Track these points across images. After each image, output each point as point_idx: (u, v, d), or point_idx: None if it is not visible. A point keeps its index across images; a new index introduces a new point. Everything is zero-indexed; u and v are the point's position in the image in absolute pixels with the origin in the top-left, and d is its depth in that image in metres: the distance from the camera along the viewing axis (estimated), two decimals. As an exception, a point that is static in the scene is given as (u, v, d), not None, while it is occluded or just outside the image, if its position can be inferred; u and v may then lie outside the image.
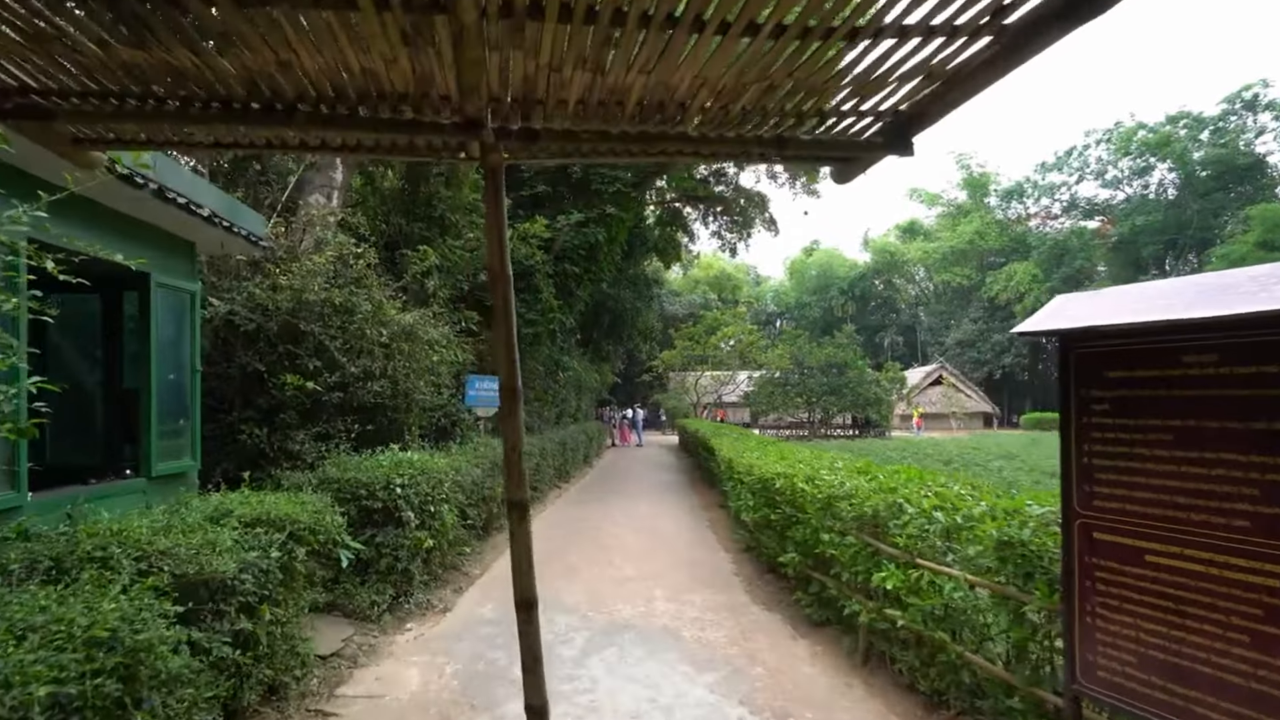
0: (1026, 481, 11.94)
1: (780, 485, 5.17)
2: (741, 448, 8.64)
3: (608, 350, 28.19)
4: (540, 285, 10.36)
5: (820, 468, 5.32)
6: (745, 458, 7.04)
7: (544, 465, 11.20)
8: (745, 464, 6.59)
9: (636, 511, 10.33)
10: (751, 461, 6.46)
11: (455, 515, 5.86)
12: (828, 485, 4.47)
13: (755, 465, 6.16)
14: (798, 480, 4.83)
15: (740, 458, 7.40)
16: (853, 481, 4.30)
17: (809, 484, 4.71)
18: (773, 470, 5.51)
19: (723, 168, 30.30)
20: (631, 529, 8.80)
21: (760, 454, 7.20)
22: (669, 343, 39.53)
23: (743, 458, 7.25)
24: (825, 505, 4.42)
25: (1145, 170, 48.94)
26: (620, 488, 13.58)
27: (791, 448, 7.96)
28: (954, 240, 56.21)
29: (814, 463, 5.65)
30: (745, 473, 6.52)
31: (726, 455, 8.51)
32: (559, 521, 9.52)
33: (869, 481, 4.31)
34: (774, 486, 5.33)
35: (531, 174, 10.95)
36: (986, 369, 52.39)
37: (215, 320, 4.94)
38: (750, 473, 6.20)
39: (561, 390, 16.05)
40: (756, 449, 8.35)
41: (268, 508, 3.41)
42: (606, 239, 11.40)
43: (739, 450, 8.37)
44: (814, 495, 4.55)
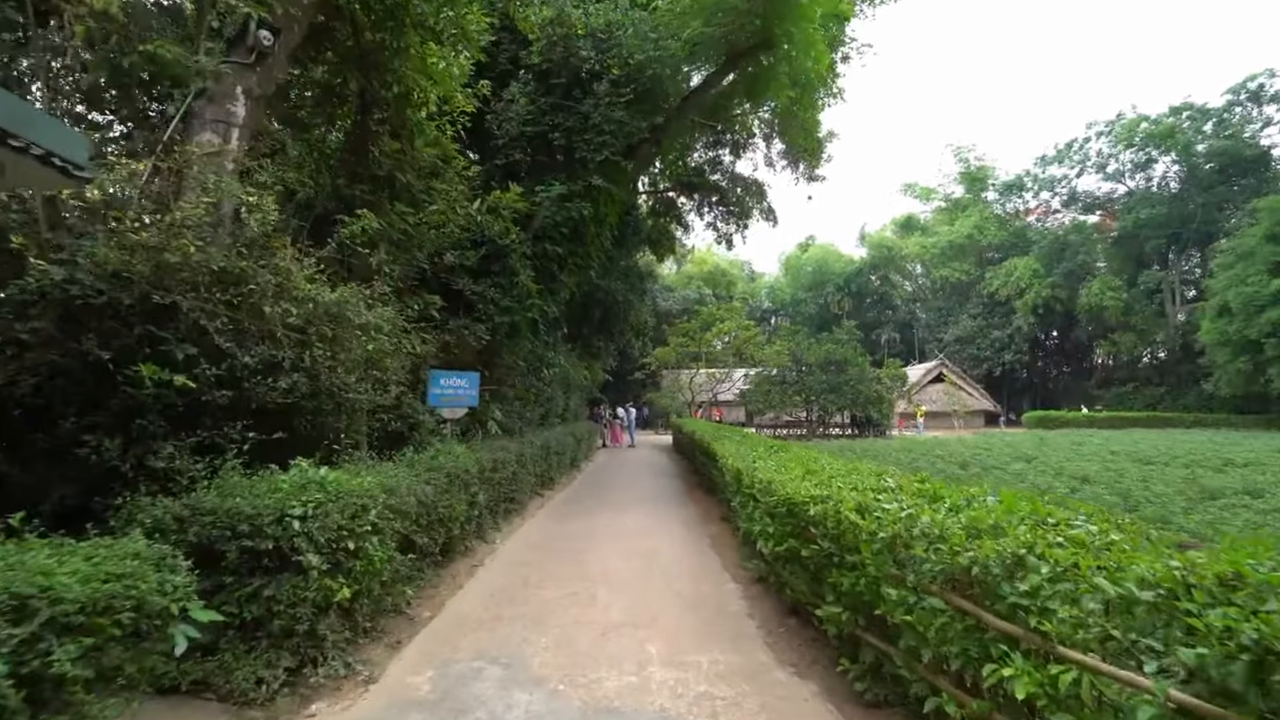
0: (1063, 489, 10.73)
1: (816, 513, 3.87)
2: (751, 454, 7.34)
3: (598, 347, 26.86)
4: (516, 267, 9.03)
5: (867, 486, 4.03)
6: (761, 469, 5.73)
7: (522, 474, 9.88)
8: (763, 479, 5.28)
9: (627, 526, 9.03)
10: (771, 476, 5.14)
11: (391, 548, 4.54)
12: (891, 519, 3.17)
13: (777, 482, 4.85)
14: (845, 509, 3.52)
15: (752, 468, 6.09)
16: (931, 516, 3.01)
17: (862, 516, 3.41)
18: (803, 491, 4.21)
19: (719, 155, 29.21)
20: (620, 550, 7.49)
21: (778, 464, 5.90)
22: (662, 339, 38.26)
23: (756, 469, 5.94)
24: (888, 548, 3.13)
25: (1147, 163, 48.01)
26: (610, 496, 12.27)
27: (812, 454, 6.67)
28: (952, 235, 55.18)
29: (855, 479, 4.36)
30: (763, 490, 5.21)
31: (733, 464, 7.21)
32: (537, 539, 8.20)
33: (951, 513, 3.03)
34: (806, 514, 4.02)
35: (505, 139, 9.59)
36: (986, 366, 51.41)
37: (48, 290, 3.60)
38: (770, 492, 4.89)
39: (546, 388, 14.72)
40: (769, 456, 7.05)
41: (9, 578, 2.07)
42: (593, 216, 10.05)
43: (748, 457, 7.07)
44: (870, 532, 3.26)
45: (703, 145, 28.36)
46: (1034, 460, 17.41)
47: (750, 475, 6.03)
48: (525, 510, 10.33)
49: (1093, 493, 9.90)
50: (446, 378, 8.55)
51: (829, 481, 4.37)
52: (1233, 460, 16.26)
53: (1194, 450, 19.72)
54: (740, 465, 6.78)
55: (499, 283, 9.14)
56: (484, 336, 8.85)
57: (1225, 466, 15.00)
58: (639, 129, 9.91)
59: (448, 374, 8.58)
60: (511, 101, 9.40)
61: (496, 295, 9.04)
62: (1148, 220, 45.26)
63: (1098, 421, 39.77)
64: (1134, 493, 9.91)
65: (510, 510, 9.66)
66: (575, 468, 17.34)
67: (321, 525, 3.62)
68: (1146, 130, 45.94)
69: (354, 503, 3.95)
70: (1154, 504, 9.06)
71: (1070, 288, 47.56)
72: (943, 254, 55.62)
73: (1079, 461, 16.65)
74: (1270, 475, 12.99)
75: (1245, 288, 34.76)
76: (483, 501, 7.60)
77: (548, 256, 9.83)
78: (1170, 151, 45.52)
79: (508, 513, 9.51)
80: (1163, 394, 44.56)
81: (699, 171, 28.80)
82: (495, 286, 9.10)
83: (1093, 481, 11.85)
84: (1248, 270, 35.33)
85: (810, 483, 4.47)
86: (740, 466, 6.74)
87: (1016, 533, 2.59)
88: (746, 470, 6.31)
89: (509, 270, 9.12)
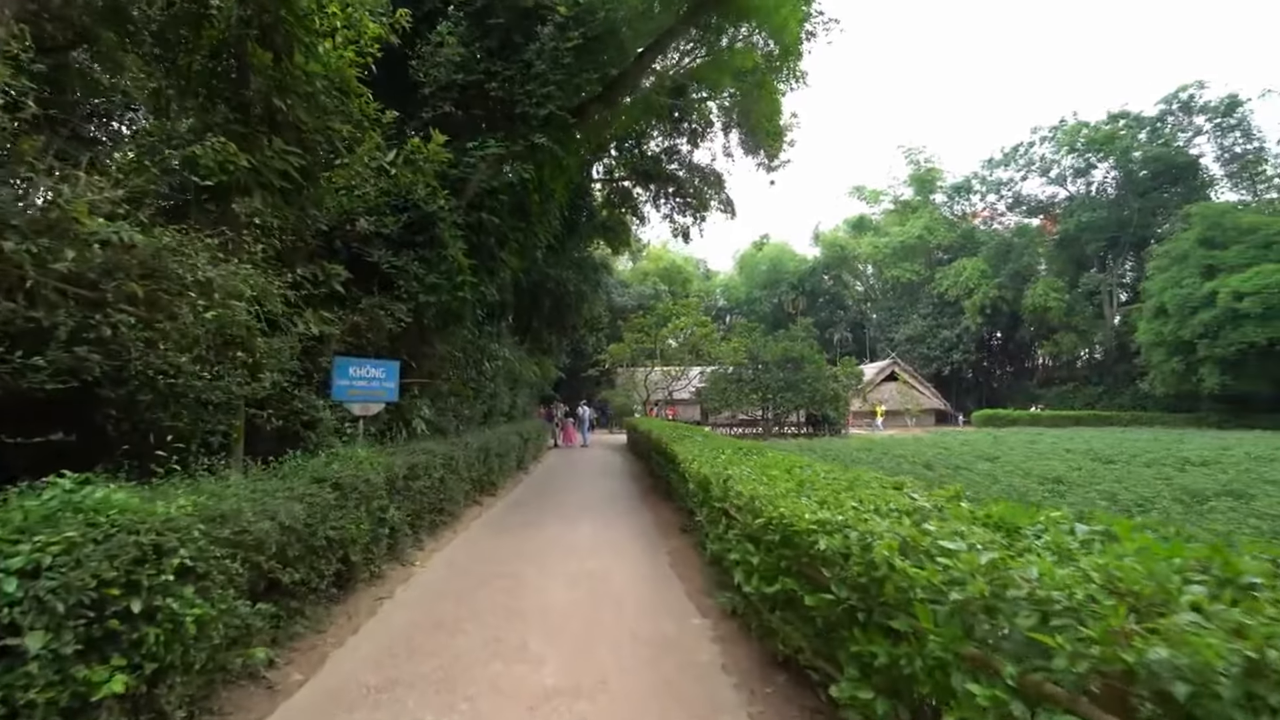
0: (1042, 491, 10.04)
1: (828, 549, 2.71)
2: (719, 458, 6.21)
3: (549, 342, 25.45)
4: (445, 238, 7.66)
5: (897, 506, 2.92)
6: (737, 479, 4.58)
7: (454, 480, 8.51)
8: (741, 493, 4.12)
9: (575, 541, 7.78)
10: (752, 490, 3.98)
11: (229, 597, 3.18)
12: (965, 568, 2.05)
13: (763, 498, 3.70)
14: (881, 549, 2.37)
15: (724, 477, 4.95)
16: (1039, 567, 1.89)
17: (912, 559, 2.27)
18: (804, 515, 3.05)
19: (676, 144, 28.20)
20: (565, 572, 6.24)
21: (757, 472, 4.77)
22: (617, 336, 37.04)
23: (730, 477, 4.79)
24: (958, 614, 2.01)
25: (1088, 169, 49.65)
26: (558, 503, 10.98)
27: (795, 458, 5.59)
28: (903, 235, 55.95)
29: (872, 494, 3.25)
30: (743, 508, 4.06)
31: (698, 470, 6.06)
32: (466, 560, 6.85)
33: (1063, 561, 1.93)
34: (811, 549, 2.87)
35: (433, 88, 8.15)
36: (935, 365, 52.24)
37: None
38: (755, 511, 3.73)
39: (489, 383, 13.31)
40: (741, 460, 5.94)
41: None
42: (537, 184, 8.73)
43: (715, 462, 5.94)
44: (933, 588, 2.12)
45: (660, 134, 27.35)
46: (997, 459, 17.00)
47: (722, 486, 4.89)
48: (459, 522, 8.95)
49: (1083, 496, 9.22)
50: (357, 367, 7.12)
51: (837, 499, 3.25)
52: (1189, 459, 16.20)
53: (1145, 449, 19.81)
54: (707, 472, 5.63)
55: (424, 256, 7.75)
56: (404, 319, 7.45)
57: (1185, 466, 14.83)
58: (589, 81, 8.62)
59: (358, 362, 7.15)
60: (440, 44, 7.97)
61: (421, 270, 7.65)
62: (1088, 224, 46.77)
63: (1042, 420, 40.75)
64: (1120, 496, 9.29)
65: (439, 523, 8.28)
66: (522, 470, 15.97)
67: (65, 583, 2.26)
68: (1088, 136, 47.45)
69: (141, 542, 2.59)
70: (1147, 508, 8.42)
71: (1016, 289, 48.77)
72: (895, 254, 56.34)
73: (1042, 461, 16.30)
74: (1232, 473, 12.80)
75: (1180, 290, 36.04)
76: (397, 517, 6.24)
77: (484, 229, 8.47)
78: (1110, 157, 47.14)
79: (436, 526, 8.14)
80: (1100, 393, 46.10)
81: (656, 160, 27.71)
82: (420, 260, 7.71)
83: (1069, 483, 11.28)
84: (1182, 273, 36.66)
85: (811, 500, 3.34)
86: (707, 474, 5.59)
87: (1198, 601, 1.51)
88: (716, 479, 5.16)
89: (436, 241, 7.74)
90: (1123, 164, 46.69)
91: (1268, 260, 33.60)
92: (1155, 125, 46.29)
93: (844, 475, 4.20)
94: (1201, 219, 37.59)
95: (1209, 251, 36.29)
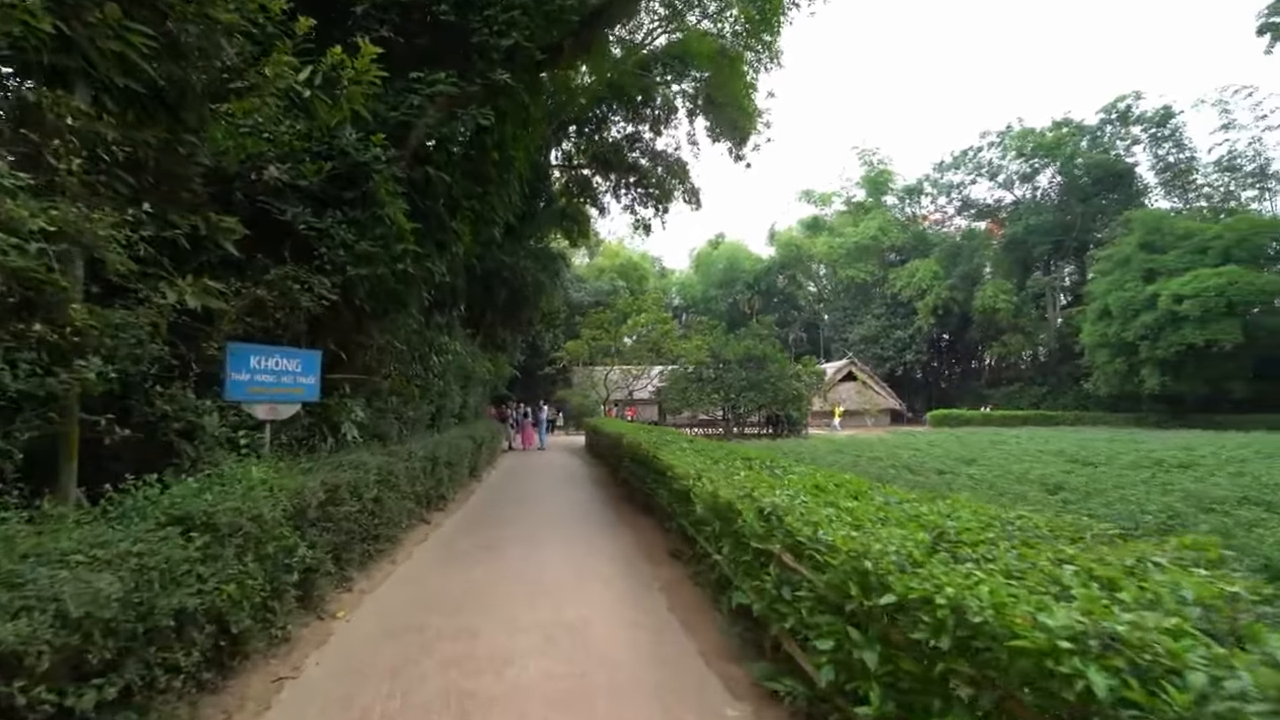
0: (1047, 499, 9.15)
1: (1047, 648, 1.38)
2: (736, 476, 4.88)
3: (504, 337, 23.68)
4: (381, 195, 6.05)
5: (1207, 595, 1.63)
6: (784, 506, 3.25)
7: (392, 499, 6.90)
8: (838, 548, 2.69)
9: (544, 573, 6.30)
10: (859, 545, 2.59)
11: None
12: None
13: (861, 546, 2.33)
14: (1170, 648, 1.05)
15: (761, 506, 3.61)
16: None
17: None
18: (955, 584, 1.72)
19: (638, 131, 26.92)
20: (536, 629, 4.74)
21: (812, 498, 3.45)
22: (573, 333, 35.43)
23: (777, 506, 3.45)
24: None
25: (1034, 174, 51.03)
26: (518, 516, 9.46)
27: (859, 482, 4.29)
28: (858, 236, 56.32)
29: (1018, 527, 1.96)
30: (819, 560, 2.66)
31: (714, 493, 4.68)
32: (405, 610, 5.27)
33: None
34: (1058, 687, 1.53)
35: (366, 5, 6.47)
36: (889, 365, 52.70)
37: None
38: (860, 575, 2.34)
39: (437, 380, 11.63)
40: (761, 474, 4.63)
41: None
42: (496, 140, 7.21)
43: (736, 481, 4.61)
44: None
45: (622, 118, 26.01)
46: (974, 461, 16.36)
47: (763, 520, 3.55)
48: (400, 548, 7.34)
49: (1105, 507, 8.34)
50: (262, 357, 5.46)
51: (979, 535, 1.95)
52: (1162, 460, 15.94)
53: (1113, 450, 19.67)
54: (729, 496, 4.27)
55: (354, 218, 6.12)
56: (328, 296, 5.82)
57: (1165, 469, 14.46)
58: (568, 7, 7.10)
59: (264, 351, 5.49)
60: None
61: (350, 236, 6.02)
62: (1035, 227, 47.99)
63: (993, 420, 41.38)
64: (1140, 507, 8.48)
65: (375, 553, 6.66)
66: (475, 478, 14.30)
67: None
68: (1036, 141, 48.72)
69: None
70: (1185, 521, 7.60)
71: (966, 290, 49.65)
72: (849, 254, 56.64)
73: (1020, 463, 15.73)
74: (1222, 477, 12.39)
75: (1123, 293, 37.11)
76: (312, 556, 4.65)
77: (432, 190, 6.87)
78: (1055, 163, 48.52)
79: (370, 558, 6.51)
80: (1045, 393, 47.36)
81: (617, 148, 26.32)
82: (349, 224, 6.08)
83: (1072, 490, 10.47)
84: (1124, 276, 37.79)
85: (938, 555, 2.03)
86: (730, 499, 4.23)
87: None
88: (750, 510, 3.81)
89: (370, 200, 6.13)
90: (1067, 170, 48.14)
91: (1204, 264, 34.92)
92: (1095, 134, 47.95)
93: (972, 514, 2.91)
94: (1142, 224, 38.89)
95: (1149, 256, 37.53)
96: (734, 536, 4.16)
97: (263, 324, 5.50)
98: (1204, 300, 32.73)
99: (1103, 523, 6.73)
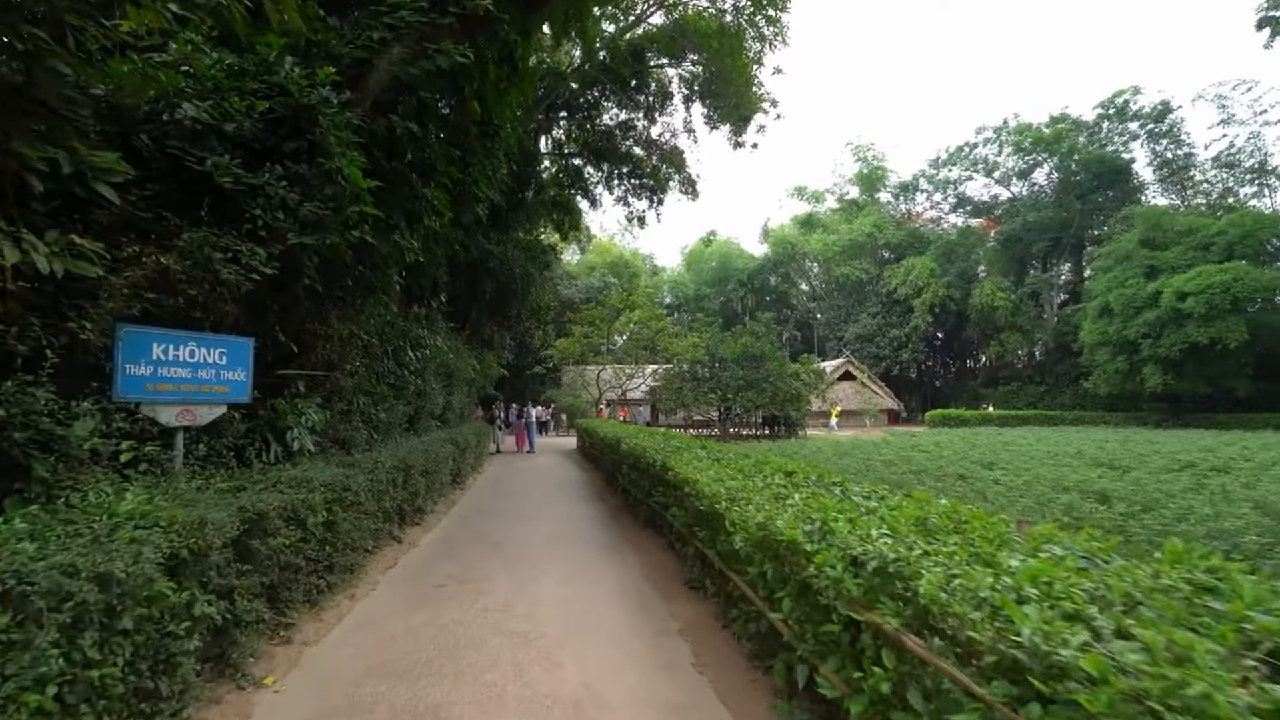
0: (1113, 517, 8.06)
1: None
2: (792, 494, 3.72)
3: (491, 334, 22.42)
4: (330, 146, 4.83)
5: None
6: (926, 573, 2.06)
7: (349, 521, 5.66)
8: (1066, 659, 1.55)
9: (535, 613, 5.09)
10: (1088, 663, 1.43)
11: None
12: None
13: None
14: None
15: (857, 550, 2.45)
16: None
17: None
18: None
19: (632, 119, 25.78)
20: (531, 708, 3.57)
21: (917, 534, 2.29)
22: (563, 331, 34.15)
23: (880, 555, 2.29)
24: None
25: (1031, 169, 50.39)
26: (505, 536, 8.23)
27: (957, 505, 3.12)
28: (852, 233, 55.48)
29: None
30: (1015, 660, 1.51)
31: (770, 528, 3.51)
32: (354, 676, 4.03)
33: None
34: None
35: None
36: (885, 364, 51.85)
37: None
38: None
39: (414, 379, 10.38)
40: (835, 504, 3.47)
41: None
42: (478, 88, 6.00)
43: (794, 506, 3.45)
44: None
45: (615, 104, 24.86)
46: (994, 465, 15.35)
47: (867, 571, 2.39)
48: (361, 578, 6.11)
49: (1176, 520, 7.27)
50: (168, 345, 4.23)
51: None
52: (1193, 463, 15.01)
53: (1130, 451, 18.76)
54: (795, 534, 3.09)
55: (298, 173, 4.89)
56: (263, 269, 4.59)
57: (1204, 472, 13.51)
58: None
59: (170, 337, 4.25)
60: None
61: (291, 195, 4.79)
62: (1034, 224, 47.34)
63: (993, 420, 40.61)
64: (1213, 516, 7.43)
65: (330, 586, 5.43)
66: (459, 485, 13.06)
67: None
68: (1034, 135, 48.05)
69: None
70: (1264, 533, 6.55)
71: (963, 288, 48.91)
72: (843, 252, 55.80)
73: (1043, 467, 14.75)
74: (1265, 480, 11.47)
75: (1125, 290, 36.44)
76: (217, 613, 3.43)
77: (398, 145, 5.65)
78: (1053, 159, 47.88)
79: (319, 594, 5.28)
80: (1043, 393, 46.69)
81: (609, 136, 25.17)
82: (290, 179, 4.84)
83: (1123, 500, 9.39)
84: (1126, 274, 37.13)
85: None
86: (795, 536, 3.05)
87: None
88: (834, 558, 2.65)
89: (318, 151, 4.91)
90: (1064, 166, 47.53)
91: (1207, 261, 34.32)
92: (1093, 130, 47.38)
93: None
94: (1143, 220, 38.30)
95: (1151, 252, 36.92)
96: (802, 590, 3.00)
97: (172, 303, 4.26)
98: (1209, 297, 32.07)
99: (1191, 540, 5.66)
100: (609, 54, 21.52)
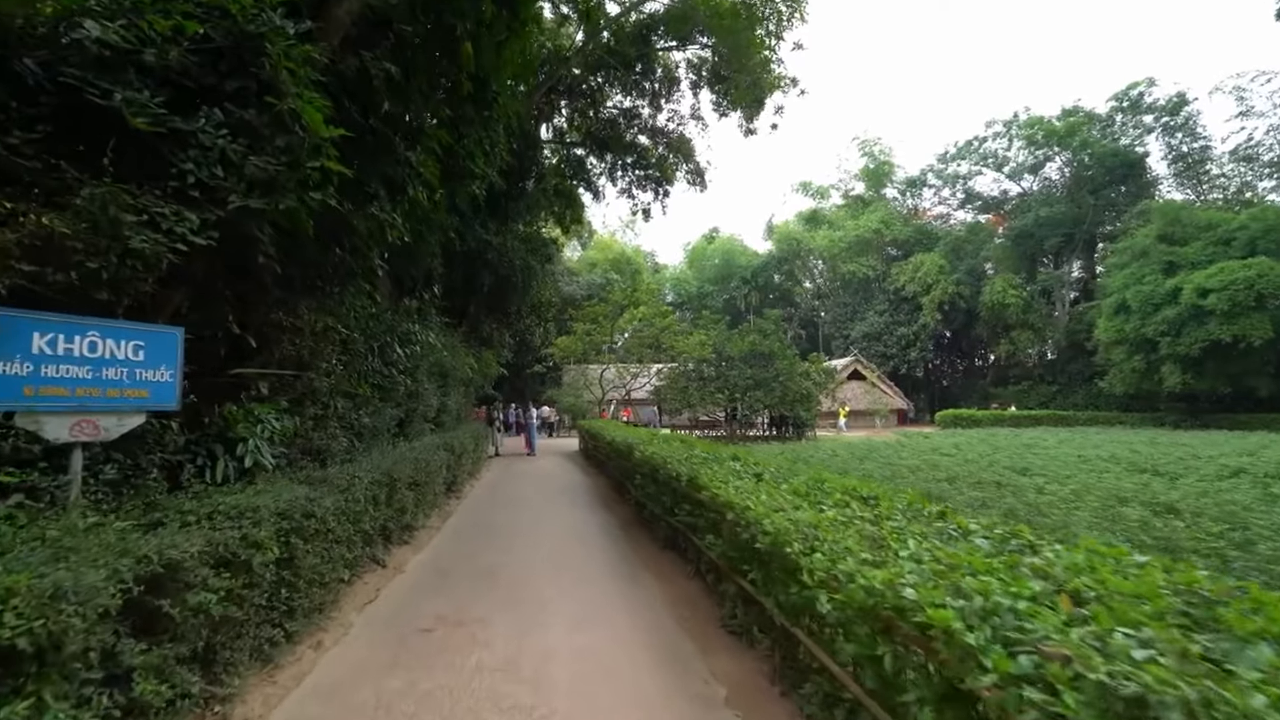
0: (1209, 542, 7.03)
1: None
2: (907, 539, 2.68)
3: (489, 331, 21.38)
4: (281, 83, 3.80)
5: None
6: None
7: (311, 554, 4.61)
8: None
9: (542, 692, 4.05)
10: None
11: None
12: None
13: None
14: None
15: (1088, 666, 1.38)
16: None
17: None
18: None
19: (636, 107, 24.71)
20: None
21: None
22: (565, 329, 33.09)
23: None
24: None
25: (1042, 163, 49.30)
26: (505, 560, 7.18)
27: (1119, 550, 2.08)
28: (858, 229, 54.38)
29: None
30: None
31: (904, 603, 2.46)
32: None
33: None
34: None
35: None
36: (893, 363, 50.74)
37: None
38: None
39: (403, 379, 9.34)
40: (988, 558, 2.42)
41: None
42: (469, 24, 4.96)
43: (933, 563, 2.42)
44: None
45: (619, 91, 23.81)
46: (1027, 471, 14.30)
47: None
48: (332, 618, 5.07)
49: (1257, 554, 6.22)
50: (55, 334, 3.18)
51: None
52: (1241, 469, 13.97)
53: (1162, 454, 17.71)
54: (948, 620, 2.05)
55: (242, 118, 3.84)
56: (192, 236, 3.55)
57: (1261, 478, 12.47)
58: None
59: (58, 325, 3.21)
60: None
61: (235, 147, 3.75)
62: (1046, 219, 46.22)
63: (1006, 420, 39.54)
64: None
65: (288, 636, 4.39)
66: (454, 494, 12.02)
67: None
68: (1047, 128, 46.93)
69: None
70: None
71: (973, 285, 47.83)
72: (850, 248, 54.71)
73: (1080, 472, 13.72)
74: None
75: (1142, 287, 35.37)
76: (101, 707, 2.38)
77: (373, 93, 4.61)
78: (1066, 152, 46.79)
79: (277, 646, 4.24)
80: (1055, 392, 45.61)
81: (613, 124, 24.05)
82: (232, 127, 3.80)
83: (1191, 513, 8.37)
84: (1143, 270, 36.06)
85: None
86: (945, 622, 2.02)
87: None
88: (1027, 669, 1.61)
89: (267, 90, 3.86)
90: (1077, 160, 46.44)
91: (1228, 257, 33.24)
92: (1106, 123, 46.29)
93: None
94: (1161, 215, 37.23)
95: (1169, 248, 35.85)
96: (949, 694, 1.95)
97: (63, 279, 3.21)
98: (1232, 293, 31.00)
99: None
100: (613, 35, 20.46)
